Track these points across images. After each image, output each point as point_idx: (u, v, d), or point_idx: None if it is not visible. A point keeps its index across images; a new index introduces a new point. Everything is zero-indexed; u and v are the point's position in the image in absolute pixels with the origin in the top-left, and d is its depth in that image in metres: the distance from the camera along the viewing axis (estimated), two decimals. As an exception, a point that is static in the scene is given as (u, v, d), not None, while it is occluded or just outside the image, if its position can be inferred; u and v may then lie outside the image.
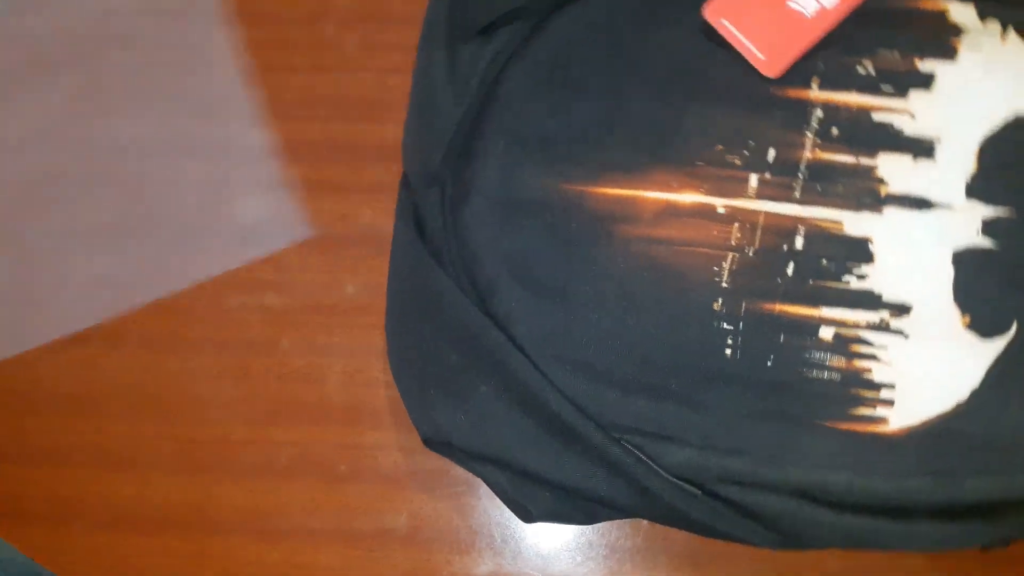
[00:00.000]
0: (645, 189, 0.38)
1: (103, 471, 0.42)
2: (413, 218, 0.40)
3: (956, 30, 0.38)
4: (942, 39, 0.38)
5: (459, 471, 0.42)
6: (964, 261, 0.37)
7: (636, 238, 0.37)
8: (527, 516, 0.37)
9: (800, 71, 0.38)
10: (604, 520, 0.38)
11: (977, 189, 0.37)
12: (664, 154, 0.38)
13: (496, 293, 0.37)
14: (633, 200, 0.38)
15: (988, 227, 0.37)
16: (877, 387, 0.36)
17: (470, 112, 0.39)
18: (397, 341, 0.40)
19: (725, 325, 0.37)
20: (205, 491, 0.42)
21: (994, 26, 0.38)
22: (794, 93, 0.38)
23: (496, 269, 0.37)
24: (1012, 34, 0.38)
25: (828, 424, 0.36)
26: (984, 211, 0.37)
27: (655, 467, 0.35)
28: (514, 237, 0.38)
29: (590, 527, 0.41)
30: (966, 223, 0.37)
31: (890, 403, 0.36)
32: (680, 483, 0.35)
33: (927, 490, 0.35)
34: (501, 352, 0.36)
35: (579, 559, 0.41)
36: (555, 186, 0.38)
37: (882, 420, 0.36)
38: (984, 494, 0.35)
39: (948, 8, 0.38)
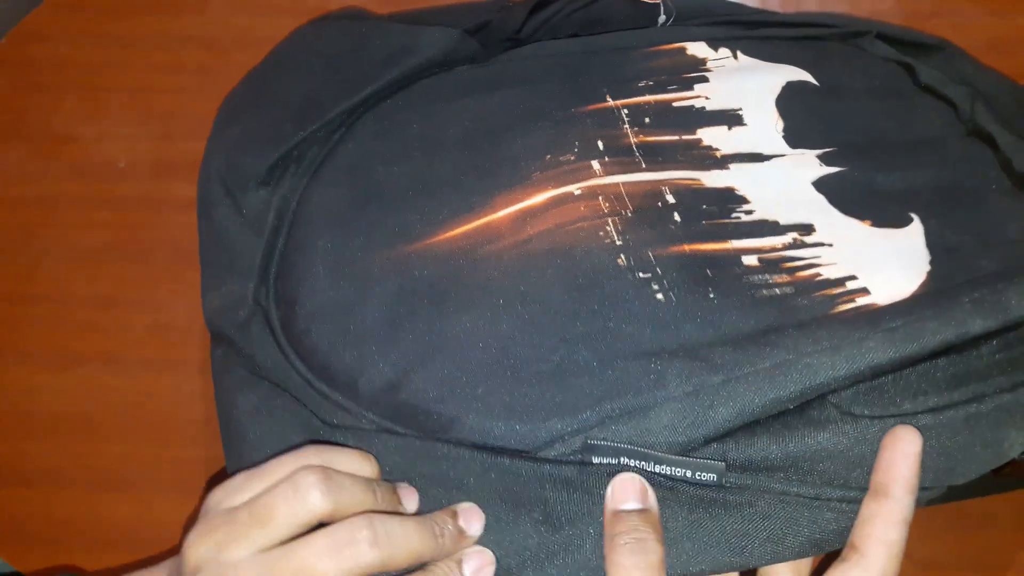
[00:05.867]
0: (492, 213, 0.36)
1: (100, 492, 0.42)
2: (239, 370, 0.36)
3: (698, 59, 0.42)
4: (693, 65, 0.41)
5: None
6: (826, 186, 0.37)
7: (505, 248, 0.35)
8: None
9: (588, 92, 0.40)
10: None
11: (797, 138, 0.39)
12: (496, 183, 0.37)
13: (404, 386, 0.33)
14: (485, 226, 0.36)
15: (826, 160, 0.38)
16: (841, 282, 0.34)
17: (273, 241, 0.38)
18: None
19: (640, 275, 0.34)
20: (202, 510, 0.42)
21: (725, 51, 0.42)
22: (593, 107, 0.40)
23: (367, 360, 0.34)
24: (741, 55, 0.42)
25: (819, 316, 0.33)
26: (814, 152, 0.38)
27: (652, 452, 0.30)
28: (363, 318, 0.35)
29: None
30: (806, 163, 0.38)
31: (865, 290, 0.34)
32: (694, 460, 0.30)
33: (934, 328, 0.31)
34: (451, 458, 0.32)
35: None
36: (390, 254, 0.36)
37: (868, 306, 0.33)
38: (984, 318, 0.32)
39: (685, 46, 0.42)
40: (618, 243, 0.35)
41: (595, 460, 0.31)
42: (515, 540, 0.31)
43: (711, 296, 0.33)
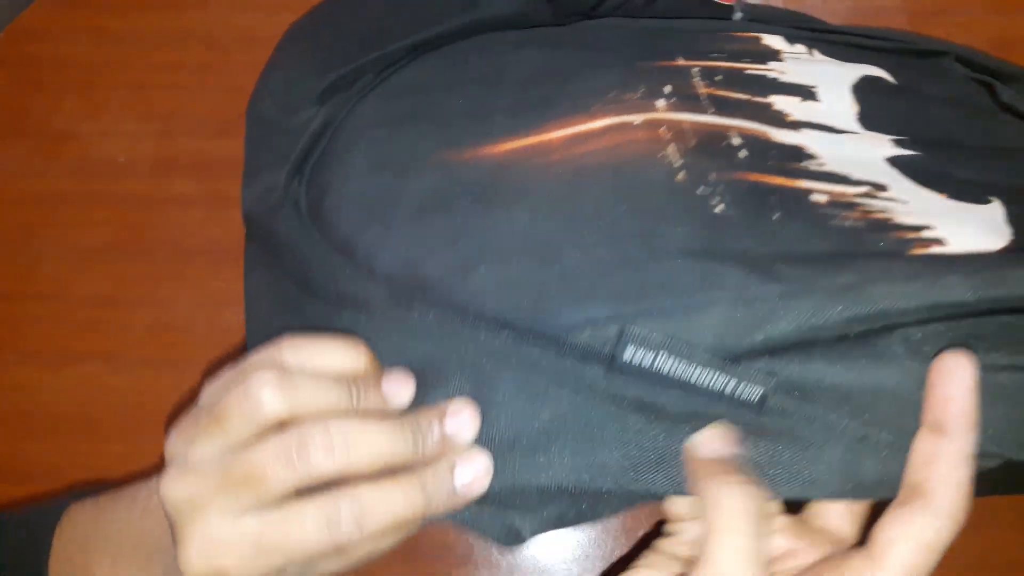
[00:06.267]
0: (545, 135, 0.34)
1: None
2: (266, 263, 0.36)
3: (773, 49, 0.39)
4: (767, 52, 0.39)
5: (456, 485, 0.42)
6: (900, 163, 0.35)
7: (554, 161, 0.33)
8: (516, 537, 0.31)
9: (662, 52, 0.38)
10: (616, 508, 0.31)
11: (871, 122, 0.37)
12: (553, 113, 0.35)
13: (426, 262, 0.31)
14: (536, 144, 0.34)
15: (901, 144, 0.36)
16: (916, 228, 0.31)
17: (315, 141, 0.37)
18: None
19: (700, 191, 0.31)
20: (204, 509, 0.42)
21: (801, 47, 0.40)
22: (663, 63, 0.37)
23: (385, 242, 0.32)
24: (816, 53, 0.40)
25: (892, 252, 0.30)
26: (888, 136, 0.36)
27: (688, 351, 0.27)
28: (395, 203, 0.33)
29: (587, 539, 0.42)
30: (880, 143, 0.36)
31: (940, 241, 0.31)
32: (741, 371, 0.27)
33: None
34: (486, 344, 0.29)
35: (575, 571, 0.41)
36: (434, 156, 0.34)
37: (945, 254, 0.30)
38: None
39: (760, 36, 0.40)
40: (677, 164, 0.32)
41: (627, 354, 0.28)
42: (525, 429, 0.29)
43: (775, 217, 0.31)
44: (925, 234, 0.31)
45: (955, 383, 0.27)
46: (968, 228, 0.31)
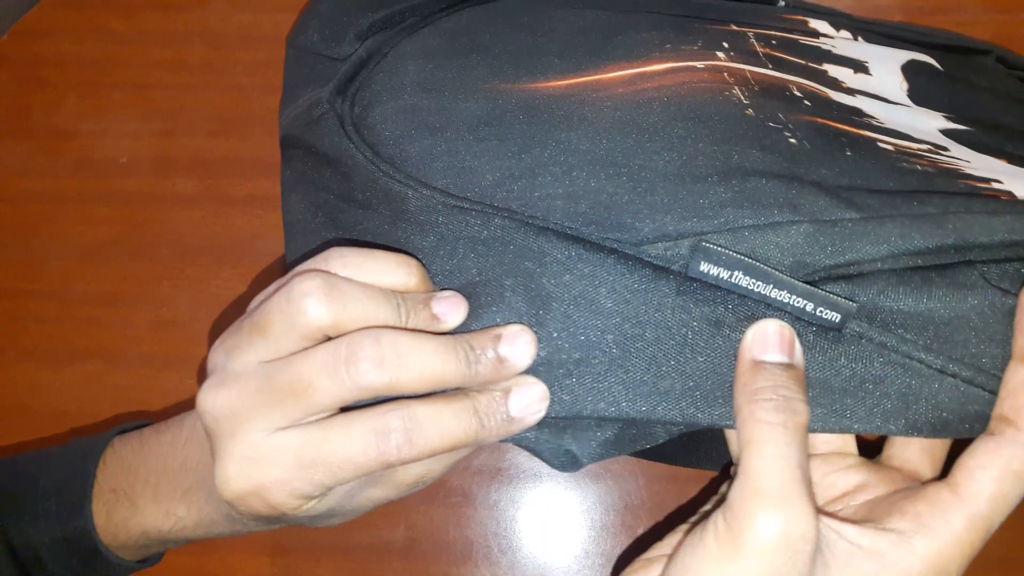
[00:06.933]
0: (602, 74, 0.32)
1: (103, 489, 0.43)
2: (305, 183, 0.33)
3: (821, 32, 0.39)
4: (815, 34, 0.39)
5: (456, 482, 0.42)
6: (954, 135, 0.34)
7: (615, 94, 0.31)
8: (573, 463, 0.29)
9: (713, 19, 0.37)
10: (673, 433, 0.30)
11: (921, 99, 0.36)
12: (610, 57, 0.33)
13: (483, 172, 0.29)
14: (594, 81, 0.32)
15: (952, 120, 0.35)
16: (986, 180, 0.30)
17: (360, 66, 0.34)
18: None
19: (771, 124, 0.30)
20: (204, 506, 0.42)
21: (846, 33, 0.39)
22: (717, 27, 0.36)
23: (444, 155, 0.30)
24: (860, 39, 0.39)
25: (972, 192, 0.29)
26: (938, 112, 0.36)
27: (766, 268, 0.26)
28: (445, 119, 0.31)
29: (587, 538, 0.42)
30: (932, 116, 0.35)
31: (1011, 194, 0.30)
32: (822, 293, 0.25)
33: None
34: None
35: (575, 569, 0.41)
36: (487, 84, 0.32)
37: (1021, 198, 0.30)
38: None
39: (807, 20, 0.40)
40: (745, 101, 0.31)
41: (703, 268, 0.26)
42: (586, 353, 0.27)
43: (848, 153, 0.30)
44: (995, 186, 0.30)
45: None
46: None
